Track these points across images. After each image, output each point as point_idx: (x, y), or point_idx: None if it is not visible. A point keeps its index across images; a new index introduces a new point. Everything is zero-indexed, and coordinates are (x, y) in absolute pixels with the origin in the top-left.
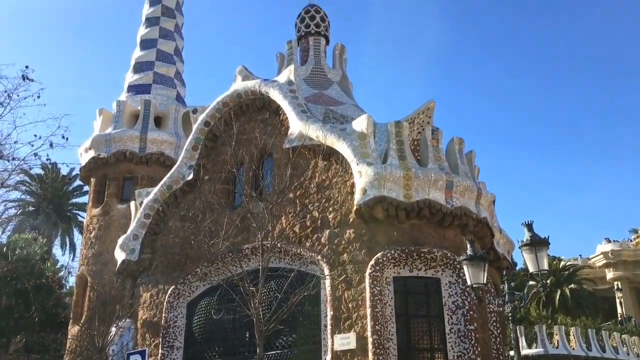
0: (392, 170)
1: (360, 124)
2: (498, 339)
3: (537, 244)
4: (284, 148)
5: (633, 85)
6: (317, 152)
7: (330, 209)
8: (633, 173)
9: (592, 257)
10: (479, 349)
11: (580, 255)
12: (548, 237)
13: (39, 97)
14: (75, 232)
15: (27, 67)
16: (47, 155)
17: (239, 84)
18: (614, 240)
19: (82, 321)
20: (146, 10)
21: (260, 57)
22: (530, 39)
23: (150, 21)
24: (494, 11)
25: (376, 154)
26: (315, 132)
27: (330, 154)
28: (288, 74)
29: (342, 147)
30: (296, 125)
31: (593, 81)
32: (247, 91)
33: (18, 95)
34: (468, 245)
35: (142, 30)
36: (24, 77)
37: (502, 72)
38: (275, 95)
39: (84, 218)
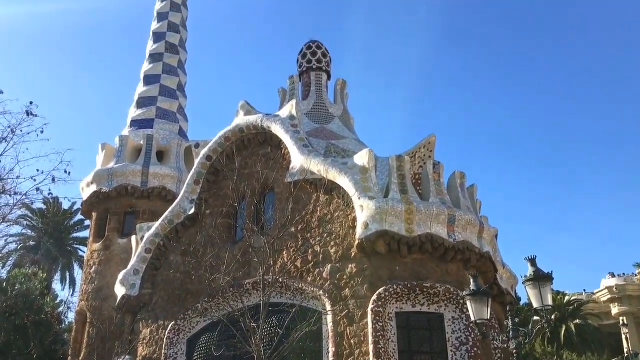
0: (394, 205)
1: (361, 158)
2: None
3: (541, 278)
4: (285, 182)
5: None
6: (318, 186)
7: (332, 243)
8: (638, 207)
9: (597, 292)
10: None
11: (585, 290)
12: (552, 271)
13: (42, 132)
14: (76, 267)
15: (31, 103)
16: (49, 190)
17: (241, 119)
18: (618, 275)
19: (81, 358)
20: (150, 46)
21: (263, 92)
22: (522, 64)
23: (154, 57)
24: (486, 36)
25: (378, 188)
26: (317, 167)
27: (332, 188)
28: (290, 108)
29: (344, 181)
30: (298, 160)
31: (593, 106)
32: (249, 126)
33: (22, 131)
34: (471, 280)
35: (146, 66)
36: (28, 113)
37: (500, 103)
38: (277, 130)
39: (84, 253)
